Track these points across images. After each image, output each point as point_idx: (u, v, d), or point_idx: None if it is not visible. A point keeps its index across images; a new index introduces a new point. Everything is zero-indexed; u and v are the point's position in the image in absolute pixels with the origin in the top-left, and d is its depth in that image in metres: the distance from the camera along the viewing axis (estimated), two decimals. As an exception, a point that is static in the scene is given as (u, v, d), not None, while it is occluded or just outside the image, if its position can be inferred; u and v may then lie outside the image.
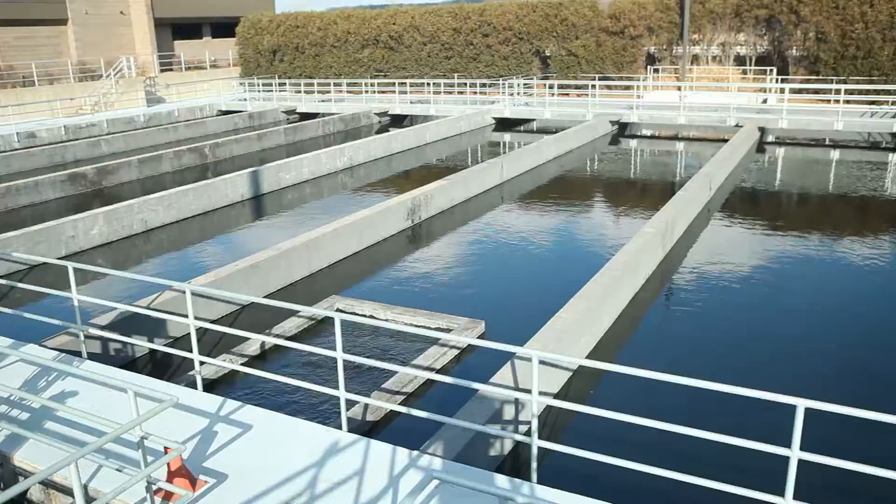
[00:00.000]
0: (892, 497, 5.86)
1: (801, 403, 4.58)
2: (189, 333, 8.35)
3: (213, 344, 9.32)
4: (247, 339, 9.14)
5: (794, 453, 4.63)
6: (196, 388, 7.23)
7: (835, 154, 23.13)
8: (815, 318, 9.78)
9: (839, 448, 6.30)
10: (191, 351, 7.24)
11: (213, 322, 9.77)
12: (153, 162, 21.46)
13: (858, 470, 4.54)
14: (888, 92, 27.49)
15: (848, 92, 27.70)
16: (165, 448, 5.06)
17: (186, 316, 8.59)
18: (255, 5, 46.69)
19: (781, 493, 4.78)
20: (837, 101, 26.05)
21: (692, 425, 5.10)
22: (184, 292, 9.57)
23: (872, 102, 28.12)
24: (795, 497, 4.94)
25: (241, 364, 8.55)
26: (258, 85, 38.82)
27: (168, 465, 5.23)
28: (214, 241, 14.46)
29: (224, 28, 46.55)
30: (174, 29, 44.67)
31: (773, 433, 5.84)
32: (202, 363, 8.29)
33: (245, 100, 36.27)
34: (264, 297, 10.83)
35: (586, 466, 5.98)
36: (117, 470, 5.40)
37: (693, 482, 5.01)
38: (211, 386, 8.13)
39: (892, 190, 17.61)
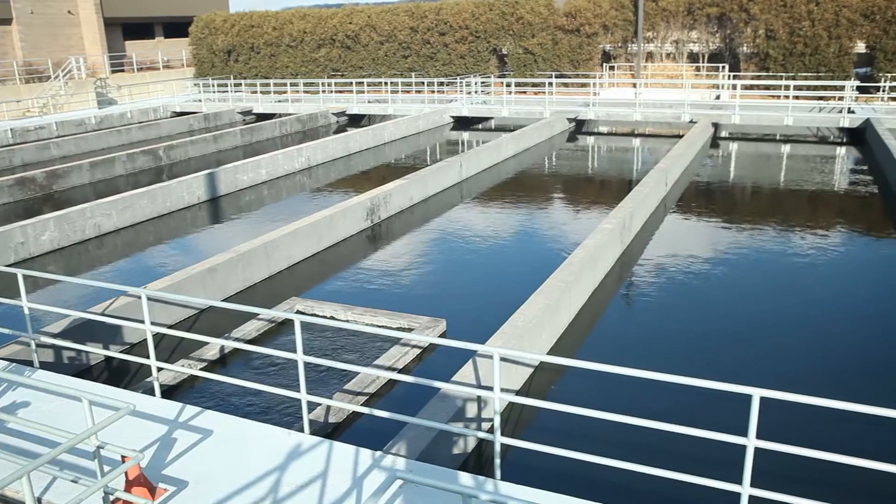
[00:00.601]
0: (846, 482, 6.01)
1: (756, 393, 4.67)
2: (146, 339, 8.19)
3: (171, 349, 9.17)
4: (205, 343, 9.01)
5: (751, 442, 4.72)
6: (154, 395, 7.10)
7: (786, 148, 23.68)
8: (771, 307, 9.99)
9: (800, 436, 6.45)
10: (148, 357, 7.10)
11: (170, 327, 9.61)
12: (106, 165, 21.01)
13: (813, 456, 4.65)
14: (835, 88, 28.23)
15: (797, 88, 28.41)
16: (123, 457, 4.96)
17: (143, 321, 8.43)
18: (209, 4, 45.98)
19: (739, 482, 4.88)
20: (787, 97, 26.70)
21: (653, 418, 5.17)
22: (139, 297, 9.40)
23: (820, 98, 28.86)
24: (753, 484, 5.04)
25: (201, 369, 8.41)
26: (213, 85, 38.25)
27: (126, 473, 5.13)
28: (171, 245, 14.22)
29: (177, 28, 45.78)
30: (125, 29, 43.78)
31: (733, 423, 5.96)
32: (160, 369, 8.15)
33: (200, 101, 35.71)
34: (223, 300, 10.69)
35: (550, 461, 6.03)
36: (72, 481, 5.27)
37: (654, 473, 5.08)
38: (169, 392, 8.00)
39: (840, 183, 18.10)
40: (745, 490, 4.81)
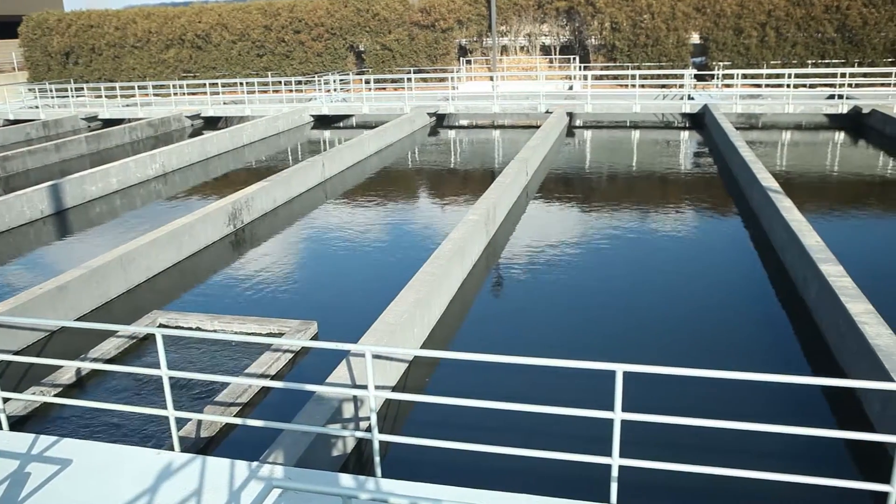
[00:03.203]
0: (706, 444, 6.44)
1: (619, 368, 4.90)
2: (-12, 368, 7.54)
3: (20, 377, 8.48)
4: (59, 367, 8.41)
5: (617, 415, 4.95)
6: (1, 429, 6.55)
7: (636, 134, 25.02)
8: (631, 285, 10.52)
9: (665, 406, 6.83)
10: (-9, 387, 6.54)
11: (16, 353, 8.90)
12: (-69, 181, 19.15)
13: (676, 423, 4.94)
14: (675, 76, 30.12)
15: (642, 77, 30.10)
16: (-33, 499, 4.54)
17: (-16, 349, 7.76)
18: (40, 3, 42.84)
19: (610, 454, 5.11)
20: (634, 86, 28.24)
21: (526, 401, 5.31)
22: (-21, 323, 8.63)
23: (663, 86, 30.73)
24: (622, 455, 5.30)
25: (55, 395, 7.85)
26: (51, 90, 35.70)
27: (-28, 516, 4.70)
28: (12, 265, 13.14)
29: (3, 28, 42.33)
30: (-56, 31, 40.07)
31: (602, 400, 6.24)
32: (6, 399, 7.54)
33: (37, 107, 33.21)
34: (76, 319, 10.01)
35: (429, 454, 6.08)
36: None
37: (530, 455, 5.23)
38: (19, 423, 7.40)
39: (685, 165, 19.35)
40: (615, 461, 5.04)
